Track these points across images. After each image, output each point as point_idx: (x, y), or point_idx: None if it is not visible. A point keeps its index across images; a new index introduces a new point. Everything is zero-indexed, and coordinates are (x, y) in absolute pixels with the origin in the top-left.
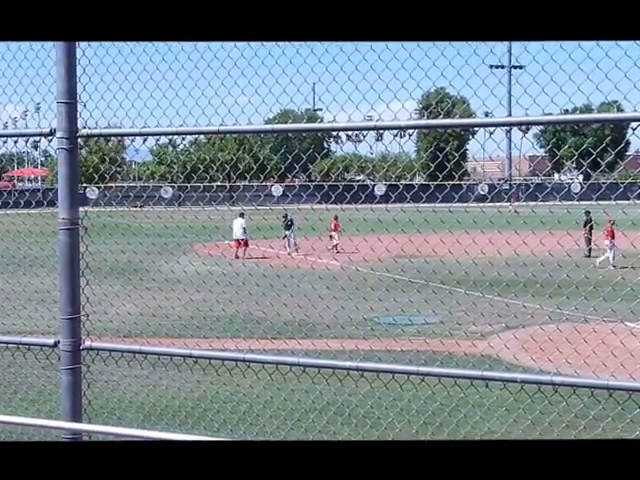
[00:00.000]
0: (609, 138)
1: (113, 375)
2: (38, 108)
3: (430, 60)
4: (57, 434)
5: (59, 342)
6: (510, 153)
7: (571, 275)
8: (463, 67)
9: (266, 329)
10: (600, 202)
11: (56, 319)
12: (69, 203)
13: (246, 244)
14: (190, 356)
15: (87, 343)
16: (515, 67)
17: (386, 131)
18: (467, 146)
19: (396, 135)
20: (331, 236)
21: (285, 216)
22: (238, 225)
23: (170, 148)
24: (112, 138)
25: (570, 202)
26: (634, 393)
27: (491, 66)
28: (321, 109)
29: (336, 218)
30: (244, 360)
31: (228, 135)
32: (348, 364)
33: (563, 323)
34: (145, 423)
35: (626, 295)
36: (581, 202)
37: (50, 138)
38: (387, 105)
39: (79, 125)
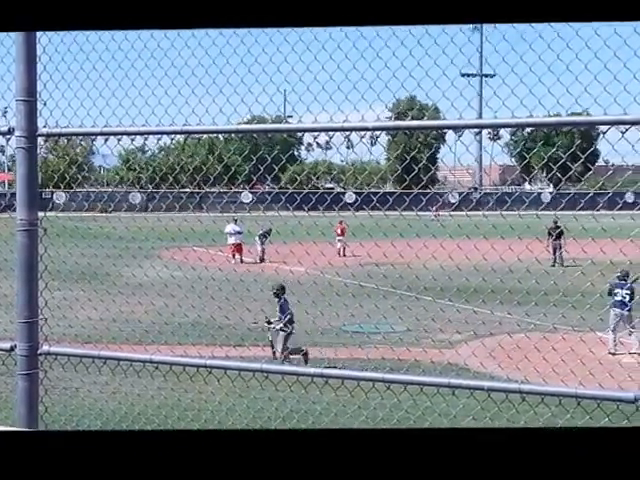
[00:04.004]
0: (577, 144)
1: (71, 381)
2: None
3: (405, 69)
4: None
5: (15, 346)
6: (481, 156)
7: (540, 281)
8: (431, 68)
9: (229, 335)
10: (566, 212)
11: (13, 323)
12: (28, 204)
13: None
14: (150, 361)
15: (45, 347)
16: (486, 75)
17: (357, 138)
18: (438, 155)
19: (363, 137)
20: (339, 240)
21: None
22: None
23: (139, 154)
24: (81, 143)
25: (533, 212)
26: (602, 402)
27: (462, 74)
28: (292, 116)
29: (341, 223)
30: (206, 366)
31: (195, 139)
32: (312, 370)
33: (531, 332)
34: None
35: (595, 303)
36: (548, 211)
37: (8, 137)
38: (355, 107)
39: (39, 124)
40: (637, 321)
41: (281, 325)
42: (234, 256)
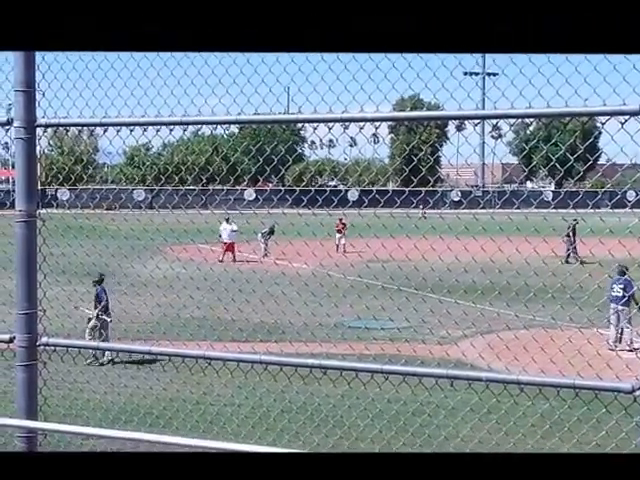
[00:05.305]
0: (577, 135)
1: (70, 373)
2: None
3: (406, 61)
4: (12, 432)
5: (14, 338)
6: (483, 150)
7: (540, 277)
8: (438, 68)
9: (235, 334)
10: (565, 210)
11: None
12: (26, 195)
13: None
14: (149, 353)
15: (44, 339)
16: (489, 74)
17: (359, 136)
18: (440, 152)
19: (362, 127)
20: (340, 236)
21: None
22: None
23: (142, 151)
24: (84, 139)
25: (528, 210)
26: (600, 393)
27: (465, 73)
28: (294, 114)
29: (341, 220)
30: (204, 357)
31: (198, 137)
32: (310, 362)
33: (532, 327)
34: (102, 422)
35: (594, 297)
36: (547, 209)
37: (7, 128)
38: (362, 108)
39: (38, 115)
40: (631, 316)
41: (95, 312)
42: (233, 255)
